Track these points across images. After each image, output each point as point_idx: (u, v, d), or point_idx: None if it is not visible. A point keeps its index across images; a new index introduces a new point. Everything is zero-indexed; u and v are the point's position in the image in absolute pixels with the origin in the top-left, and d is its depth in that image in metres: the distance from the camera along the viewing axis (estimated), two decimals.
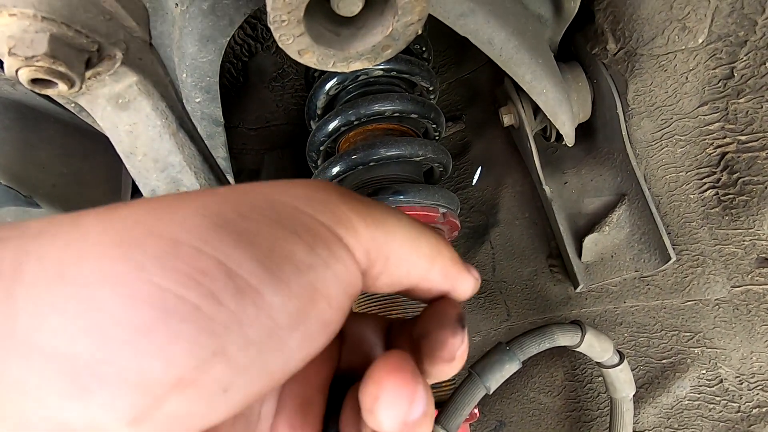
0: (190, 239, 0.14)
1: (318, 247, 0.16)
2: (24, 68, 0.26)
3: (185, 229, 0.14)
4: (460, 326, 0.21)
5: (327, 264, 0.16)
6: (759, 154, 0.56)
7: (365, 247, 0.17)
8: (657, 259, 0.63)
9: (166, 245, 0.14)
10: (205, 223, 0.15)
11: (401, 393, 0.16)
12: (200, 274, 0.14)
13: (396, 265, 0.19)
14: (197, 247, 0.14)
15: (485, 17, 0.48)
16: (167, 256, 0.14)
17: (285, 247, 0.15)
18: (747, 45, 0.51)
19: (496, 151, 0.82)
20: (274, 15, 0.31)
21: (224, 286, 0.14)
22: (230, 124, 0.82)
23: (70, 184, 0.64)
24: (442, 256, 0.20)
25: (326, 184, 0.18)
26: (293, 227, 0.16)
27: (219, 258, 0.14)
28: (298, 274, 0.15)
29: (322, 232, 0.16)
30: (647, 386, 0.71)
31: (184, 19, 0.45)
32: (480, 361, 0.53)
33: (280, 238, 0.15)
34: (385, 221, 0.18)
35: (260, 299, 0.14)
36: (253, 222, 0.15)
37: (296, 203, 0.16)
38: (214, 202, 0.15)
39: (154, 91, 0.34)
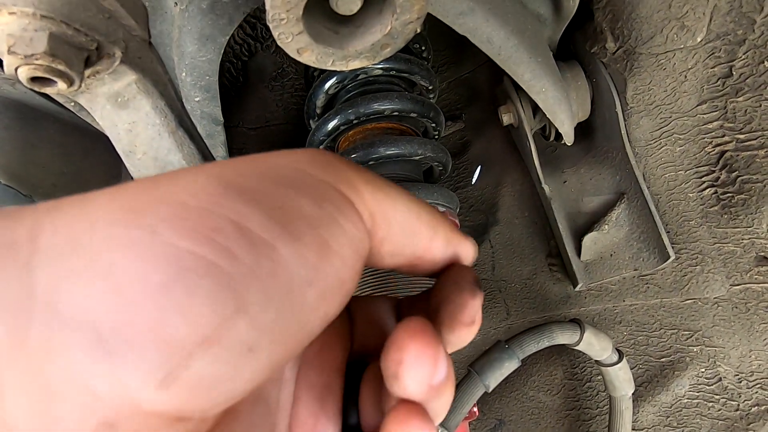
0: (199, 201, 0.14)
1: (325, 203, 0.16)
2: (23, 66, 0.26)
3: (192, 193, 0.14)
4: (478, 287, 0.21)
5: (335, 219, 0.16)
6: (758, 152, 0.56)
7: (369, 208, 0.18)
8: (656, 258, 0.63)
9: (175, 208, 0.14)
10: (211, 185, 0.15)
11: (425, 355, 0.16)
12: (213, 231, 0.14)
13: (399, 231, 0.19)
14: (206, 207, 0.14)
15: (484, 16, 0.48)
16: (177, 218, 0.14)
17: (293, 204, 0.15)
18: (746, 43, 0.51)
19: (495, 150, 0.82)
20: (273, 13, 0.31)
21: (238, 241, 0.14)
22: (230, 124, 0.82)
23: (71, 183, 0.64)
24: (443, 225, 0.21)
25: (329, 152, 0.19)
26: (299, 186, 0.16)
27: (229, 216, 0.14)
28: (309, 227, 0.15)
29: (327, 190, 0.16)
30: (646, 385, 0.71)
31: (183, 17, 0.45)
32: (479, 360, 0.54)
33: (288, 195, 0.15)
34: (387, 188, 0.19)
35: (275, 253, 0.14)
36: (259, 183, 0.15)
37: (300, 165, 0.17)
38: (218, 169, 0.16)
39: (153, 89, 0.34)
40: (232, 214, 0.14)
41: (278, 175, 0.16)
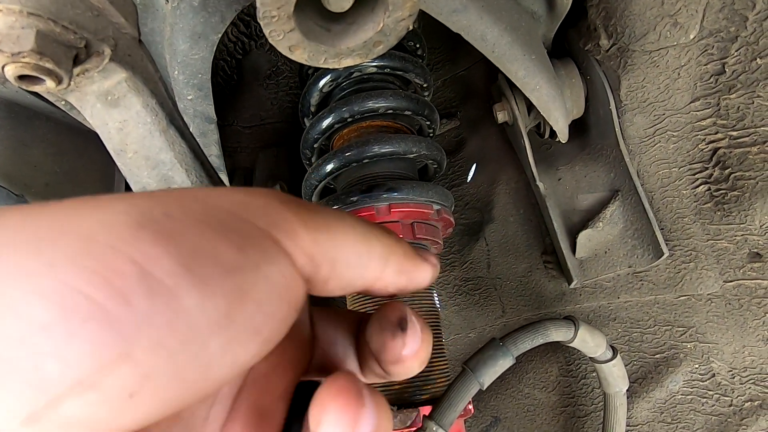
0: (107, 237, 0.14)
1: (248, 249, 0.15)
2: (10, 64, 0.26)
3: (104, 228, 0.14)
4: (400, 329, 0.21)
5: (257, 266, 0.15)
6: (750, 149, 0.56)
7: (308, 252, 0.17)
8: (650, 255, 0.64)
9: (80, 243, 0.13)
10: (125, 221, 0.14)
11: (343, 416, 0.16)
12: (111, 272, 0.13)
13: (345, 269, 0.18)
14: (112, 245, 0.14)
15: (478, 13, 0.48)
16: (79, 254, 0.13)
17: (210, 248, 0.15)
18: (738, 41, 0.51)
19: (490, 148, 0.82)
20: (264, 11, 0.31)
21: (136, 285, 0.13)
22: (224, 122, 0.82)
23: (63, 182, 0.64)
24: (395, 253, 0.20)
25: (269, 192, 0.18)
26: (223, 229, 0.15)
27: (134, 256, 0.14)
28: (223, 275, 0.14)
29: (255, 235, 0.16)
30: (641, 381, 0.72)
31: (174, 15, 0.45)
32: (473, 357, 0.54)
33: (207, 238, 0.15)
34: (331, 225, 0.18)
35: (175, 301, 0.14)
36: (180, 222, 0.15)
37: (231, 207, 0.16)
38: (143, 203, 0.15)
39: (143, 87, 0.33)
40: (138, 256, 0.14)
41: (205, 217, 0.15)
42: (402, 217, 0.58)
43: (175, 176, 0.37)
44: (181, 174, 0.37)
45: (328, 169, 0.60)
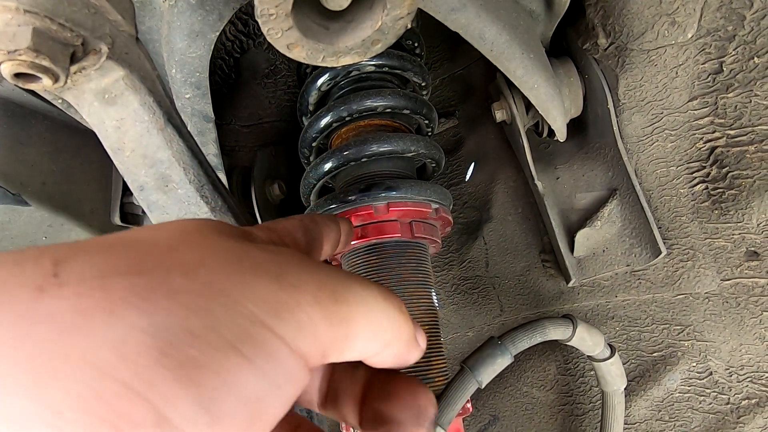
0: (123, 372, 0.12)
1: (271, 371, 0.15)
2: (6, 62, 0.26)
3: (121, 355, 0.12)
4: (433, 426, 0.21)
5: (277, 389, 0.15)
6: (748, 148, 0.56)
7: (323, 349, 0.17)
8: (648, 254, 0.64)
9: (92, 379, 0.12)
10: (146, 348, 0.13)
11: None
12: (126, 422, 0.12)
13: (349, 352, 0.18)
14: (130, 384, 0.12)
15: (476, 12, 0.48)
16: (91, 396, 0.12)
17: (234, 381, 0.14)
18: (735, 40, 0.51)
19: (489, 147, 0.82)
20: (262, 8, 0.31)
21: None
22: (222, 121, 0.81)
23: (60, 181, 0.64)
24: (399, 339, 0.20)
25: (300, 278, 0.17)
26: (248, 350, 0.14)
27: (152, 400, 0.12)
28: (242, 408, 0.14)
29: (279, 352, 0.15)
30: (638, 379, 0.72)
31: (172, 13, 0.45)
32: (472, 356, 0.54)
33: (231, 369, 0.14)
34: (352, 317, 0.18)
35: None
36: (205, 346, 0.13)
37: (260, 312, 0.15)
38: (164, 308, 0.13)
39: (141, 86, 0.33)
40: (158, 399, 0.12)
41: (229, 331, 0.14)
42: (400, 216, 0.58)
43: (173, 174, 0.37)
44: (179, 172, 0.37)
45: (327, 168, 0.60)
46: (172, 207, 0.38)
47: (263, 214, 0.75)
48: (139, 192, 0.37)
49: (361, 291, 0.18)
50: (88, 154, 0.66)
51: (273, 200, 0.79)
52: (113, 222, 0.71)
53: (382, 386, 0.22)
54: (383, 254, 0.57)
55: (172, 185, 0.37)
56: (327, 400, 0.24)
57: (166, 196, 0.38)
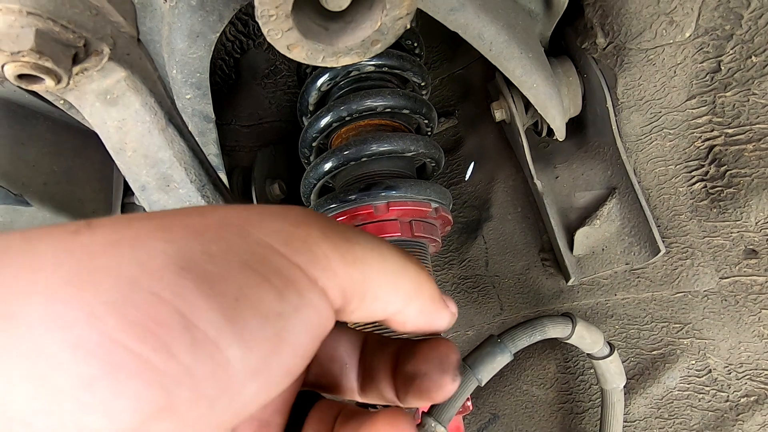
0: (150, 283, 0.13)
1: (289, 292, 0.15)
2: (10, 64, 0.26)
3: (146, 271, 0.13)
4: (459, 372, 0.21)
5: (297, 311, 0.15)
6: (746, 146, 0.57)
7: (342, 287, 0.17)
8: (647, 252, 0.64)
9: (123, 288, 0.13)
10: (168, 264, 0.14)
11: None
12: (156, 324, 0.13)
13: (372, 302, 0.19)
14: (156, 292, 0.13)
15: (475, 12, 0.48)
16: (123, 302, 0.13)
17: (252, 295, 0.14)
18: (733, 39, 0.52)
19: (488, 146, 0.83)
20: (262, 10, 0.31)
21: (180, 338, 0.13)
22: (223, 121, 0.82)
23: (61, 181, 0.64)
24: (422, 294, 0.20)
25: (306, 217, 0.17)
26: (264, 271, 0.15)
27: (178, 307, 0.13)
28: (264, 324, 0.15)
29: (295, 276, 0.16)
30: (638, 377, 0.72)
31: (173, 14, 0.45)
32: (472, 354, 0.54)
33: (249, 284, 0.15)
34: (366, 258, 0.18)
35: (218, 353, 0.14)
36: (222, 264, 0.14)
37: (272, 241, 0.16)
38: (183, 237, 0.15)
39: (142, 86, 0.34)
40: (183, 305, 0.13)
41: (245, 252, 0.15)
42: (400, 215, 0.58)
43: (174, 174, 0.37)
44: (180, 172, 0.37)
45: (327, 168, 0.60)
46: (174, 206, 0.39)
47: None
48: (141, 192, 0.38)
49: (373, 239, 0.19)
50: (90, 155, 0.67)
51: (273, 200, 0.79)
52: None
53: (408, 353, 0.23)
54: None
55: (174, 185, 0.37)
56: (365, 386, 0.24)
57: (168, 196, 0.38)
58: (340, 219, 0.59)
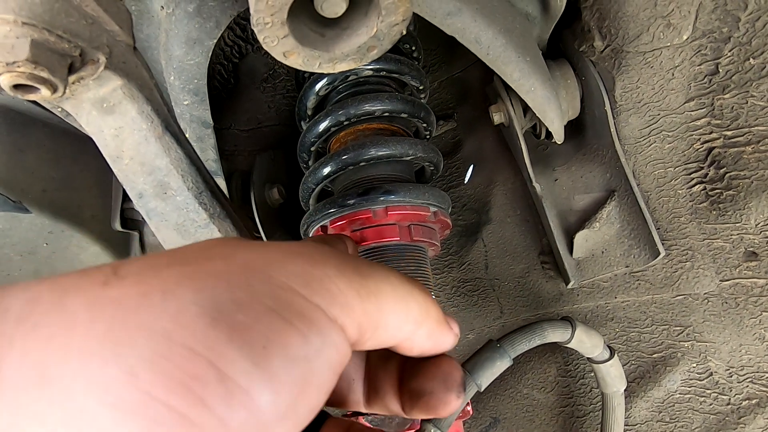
0: (184, 337, 0.14)
1: (312, 334, 0.16)
2: (5, 74, 0.26)
3: (180, 324, 0.14)
4: (463, 389, 0.23)
5: (320, 352, 0.16)
6: (745, 149, 0.56)
7: (358, 322, 0.18)
8: (647, 255, 0.64)
9: (158, 344, 0.13)
10: (200, 315, 0.14)
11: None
12: (192, 378, 0.13)
13: (384, 331, 0.19)
14: (190, 346, 0.14)
15: (472, 16, 0.48)
16: (159, 359, 0.13)
17: (279, 341, 0.15)
18: (731, 41, 0.52)
19: (487, 149, 0.82)
20: (258, 17, 0.31)
21: (215, 390, 0.14)
22: (221, 126, 0.82)
23: (60, 188, 0.64)
24: (429, 319, 0.21)
25: (323, 255, 0.18)
26: (289, 315, 0.16)
27: (212, 359, 0.14)
28: (291, 367, 0.15)
29: (317, 317, 0.16)
30: (639, 380, 0.72)
31: (170, 21, 0.45)
32: (471, 359, 0.54)
33: (275, 330, 0.15)
34: (379, 291, 0.19)
35: (250, 401, 0.14)
36: (250, 312, 0.15)
37: (293, 283, 0.17)
38: (211, 285, 0.15)
39: (139, 94, 0.34)
40: (216, 358, 0.14)
41: (269, 298, 0.16)
42: (399, 220, 0.58)
43: (171, 182, 0.37)
44: (177, 180, 0.37)
45: (325, 173, 0.60)
46: (171, 214, 0.39)
47: (262, 219, 0.75)
48: (138, 199, 0.38)
49: (383, 270, 0.20)
50: (88, 161, 0.67)
51: (272, 204, 0.79)
52: (114, 228, 0.71)
53: (413, 369, 0.24)
54: (382, 258, 0.57)
55: (171, 192, 0.37)
56: (370, 398, 0.25)
57: (165, 203, 0.38)
58: (339, 223, 0.59)
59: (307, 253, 0.18)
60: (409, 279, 0.21)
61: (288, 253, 0.18)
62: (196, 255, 0.17)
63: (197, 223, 0.39)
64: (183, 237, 0.40)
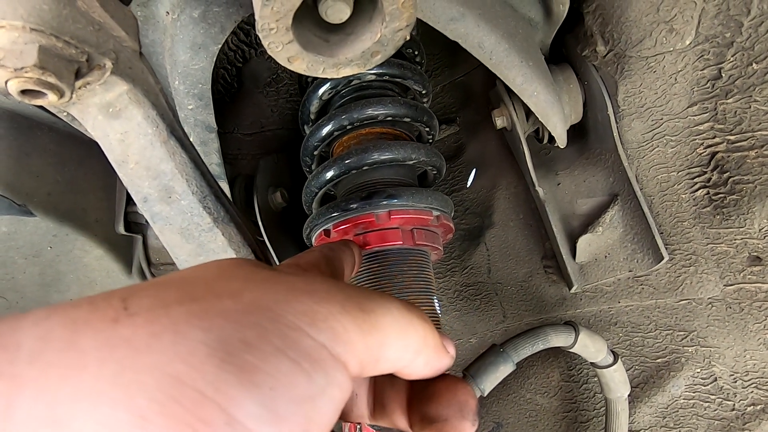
0: (195, 380, 0.14)
1: (317, 374, 0.16)
2: (13, 79, 0.27)
3: (190, 365, 0.14)
4: (478, 417, 0.23)
5: (323, 391, 0.17)
6: (748, 153, 0.56)
7: (360, 359, 0.19)
8: (650, 259, 0.64)
9: (169, 387, 0.14)
10: (209, 356, 0.15)
11: None
12: (201, 422, 0.14)
13: (384, 362, 0.20)
14: (200, 389, 0.14)
15: (475, 21, 0.49)
16: (170, 402, 0.13)
17: (286, 382, 0.16)
18: (734, 46, 0.52)
19: (490, 153, 0.83)
20: (263, 23, 0.31)
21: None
22: (225, 130, 0.82)
23: (65, 191, 0.64)
24: (427, 348, 0.22)
25: (328, 293, 0.19)
26: (295, 355, 0.16)
27: (221, 403, 0.14)
28: (297, 408, 0.16)
29: (321, 356, 0.17)
30: (642, 386, 0.71)
31: (175, 27, 0.45)
32: (474, 364, 0.54)
33: (282, 371, 0.16)
34: (381, 326, 0.19)
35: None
36: (258, 352, 0.15)
37: (300, 322, 0.17)
38: (220, 325, 0.15)
39: (144, 99, 0.34)
40: (225, 401, 0.14)
41: (277, 339, 0.16)
42: (402, 224, 0.58)
43: (176, 186, 0.37)
44: (181, 184, 0.37)
45: (328, 177, 0.60)
46: (175, 218, 0.39)
47: (266, 222, 0.75)
48: (143, 203, 0.38)
49: (384, 302, 0.20)
50: (93, 165, 0.67)
51: (275, 208, 0.79)
52: (117, 231, 0.71)
53: (423, 389, 0.24)
54: (385, 262, 0.57)
55: (175, 196, 0.38)
56: (376, 412, 0.26)
57: (170, 208, 0.38)
58: (342, 227, 0.59)
59: (313, 291, 0.18)
60: (409, 307, 0.21)
61: (295, 290, 0.18)
62: (204, 291, 0.17)
63: (201, 227, 0.39)
64: (187, 241, 0.40)
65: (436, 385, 0.24)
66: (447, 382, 0.24)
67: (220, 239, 0.40)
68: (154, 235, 0.77)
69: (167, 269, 0.81)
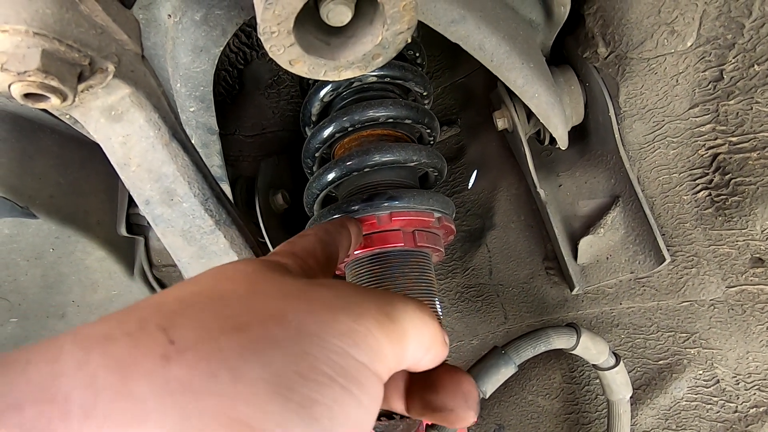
0: (261, 422, 0.14)
1: (364, 396, 0.17)
2: (16, 83, 0.27)
3: (254, 406, 0.14)
4: (479, 406, 0.24)
5: (369, 411, 0.18)
6: (750, 155, 0.56)
7: (389, 368, 0.20)
8: (652, 261, 0.64)
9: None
10: (271, 395, 0.15)
11: None
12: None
13: (404, 364, 0.21)
14: (265, 430, 0.14)
15: (476, 23, 0.49)
16: None
17: (341, 411, 0.16)
18: (735, 47, 0.52)
19: (491, 154, 0.83)
20: (264, 26, 0.31)
21: None
22: (226, 132, 0.82)
23: (68, 193, 0.65)
24: (436, 344, 0.23)
25: (361, 308, 0.20)
26: (345, 381, 0.17)
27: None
28: (350, 431, 0.16)
29: (365, 377, 0.18)
30: (644, 387, 0.71)
31: (177, 29, 0.46)
32: (476, 366, 0.54)
33: (337, 399, 0.16)
34: (406, 333, 0.21)
35: None
36: (313, 385, 0.16)
37: (344, 344, 0.18)
38: (274, 357, 0.16)
39: (146, 102, 0.34)
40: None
41: (327, 366, 0.17)
42: (403, 226, 0.58)
43: (178, 189, 0.37)
44: (183, 186, 0.37)
45: (330, 179, 0.60)
46: (177, 220, 0.39)
47: (267, 224, 0.75)
48: (145, 206, 0.38)
49: (405, 307, 0.21)
50: (95, 167, 0.67)
51: (277, 210, 0.79)
52: (119, 233, 0.72)
53: (425, 377, 0.25)
54: (386, 263, 0.57)
55: (177, 199, 0.38)
56: None
57: (171, 210, 0.38)
58: None
59: (348, 308, 0.19)
60: (422, 306, 0.22)
61: (332, 309, 0.19)
62: (246, 314, 0.17)
63: (203, 230, 0.39)
64: (189, 243, 0.40)
65: (438, 375, 0.25)
66: (450, 372, 0.25)
67: (222, 241, 0.40)
68: (155, 236, 0.78)
69: (169, 271, 0.81)
